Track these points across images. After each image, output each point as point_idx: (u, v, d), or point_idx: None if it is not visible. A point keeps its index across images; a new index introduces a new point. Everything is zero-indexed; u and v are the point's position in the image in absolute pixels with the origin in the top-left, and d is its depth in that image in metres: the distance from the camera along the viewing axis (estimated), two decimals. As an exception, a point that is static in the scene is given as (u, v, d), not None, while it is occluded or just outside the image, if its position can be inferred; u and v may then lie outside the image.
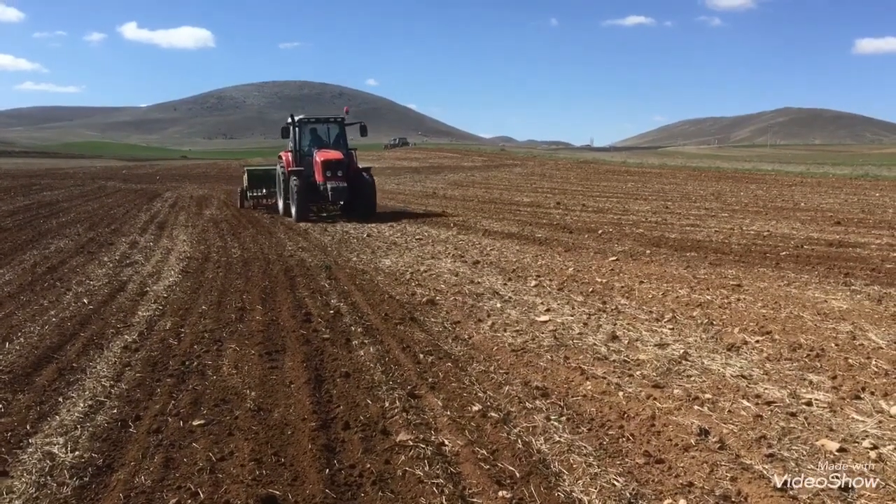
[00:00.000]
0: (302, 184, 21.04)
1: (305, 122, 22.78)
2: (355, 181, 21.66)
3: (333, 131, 23.42)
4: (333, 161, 21.12)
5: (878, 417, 5.36)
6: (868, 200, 25.92)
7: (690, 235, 16.73)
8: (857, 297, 9.64)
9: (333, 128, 23.41)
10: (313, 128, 23.13)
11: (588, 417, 5.45)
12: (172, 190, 35.07)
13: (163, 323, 8.40)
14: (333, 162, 21.11)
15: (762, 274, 11.56)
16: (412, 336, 7.94)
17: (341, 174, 21.15)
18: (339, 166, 21.15)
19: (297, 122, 22.53)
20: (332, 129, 23.43)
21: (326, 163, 21.04)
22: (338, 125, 23.31)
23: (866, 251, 14.01)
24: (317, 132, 23.19)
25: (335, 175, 21.03)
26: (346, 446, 4.90)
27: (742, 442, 4.90)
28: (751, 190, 32.23)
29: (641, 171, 51.52)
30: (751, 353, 7.10)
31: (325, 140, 23.07)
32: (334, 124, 23.30)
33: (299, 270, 12.24)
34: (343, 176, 21.20)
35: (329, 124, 23.35)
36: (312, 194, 21.41)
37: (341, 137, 23.26)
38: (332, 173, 21.00)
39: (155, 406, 5.63)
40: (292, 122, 22.54)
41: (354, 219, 21.14)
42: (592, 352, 7.19)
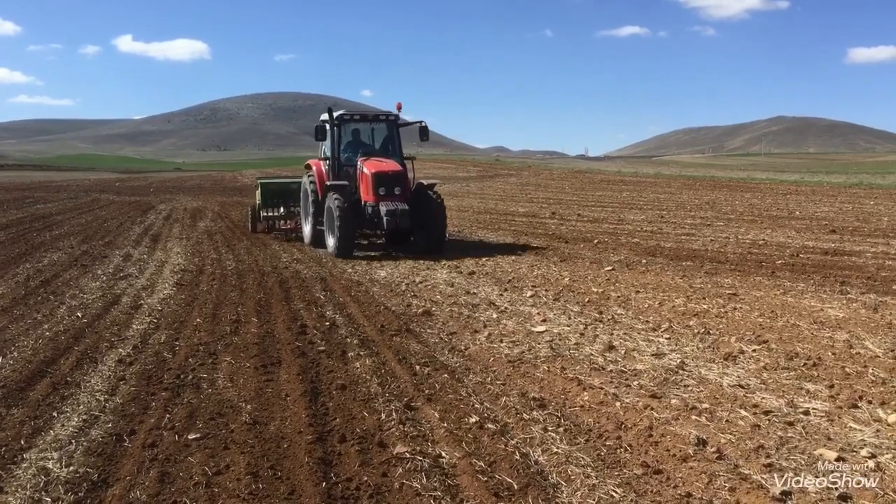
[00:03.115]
0: (345, 205, 15.24)
1: (348, 119, 16.99)
2: (418, 203, 16.05)
3: (382, 133, 17.78)
4: (390, 174, 15.70)
5: (876, 426, 5.35)
6: (863, 209, 26.01)
7: (686, 245, 16.77)
8: (853, 306, 9.65)
9: (382, 128, 17.72)
10: (356, 128, 17.61)
11: (585, 428, 5.42)
12: (166, 202, 35.03)
13: (157, 336, 8.35)
14: (390, 175, 15.70)
15: (758, 283, 11.58)
16: (408, 347, 7.91)
17: (399, 192, 15.72)
18: (397, 182, 15.76)
19: (337, 120, 16.70)
20: (379, 130, 17.88)
21: (380, 176, 15.60)
22: (390, 125, 17.43)
23: (862, 260, 14.05)
24: (360, 134, 17.71)
25: (391, 193, 15.60)
26: (343, 459, 4.86)
27: (740, 451, 4.88)
28: (746, 199, 32.32)
29: (636, 180, 51.62)
30: (748, 362, 7.08)
31: (369, 144, 17.68)
32: (384, 123, 17.47)
33: (294, 282, 12.20)
34: (402, 195, 15.75)
35: (377, 123, 17.68)
36: (359, 219, 15.87)
37: (394, 142, 17.42)
38: (388, 191, 15.59)
39: (150, 420, 5.59)
40: (330, 118, 16.75)
41: (409, 253, 15.97)
42: (589, 362, 7.17)
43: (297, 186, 19.94)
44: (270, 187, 20.98)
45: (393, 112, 17.20)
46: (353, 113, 17.10)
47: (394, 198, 15.58)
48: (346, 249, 15.38)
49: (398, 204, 15.37)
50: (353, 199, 15.88)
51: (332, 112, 16.80)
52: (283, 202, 20.58)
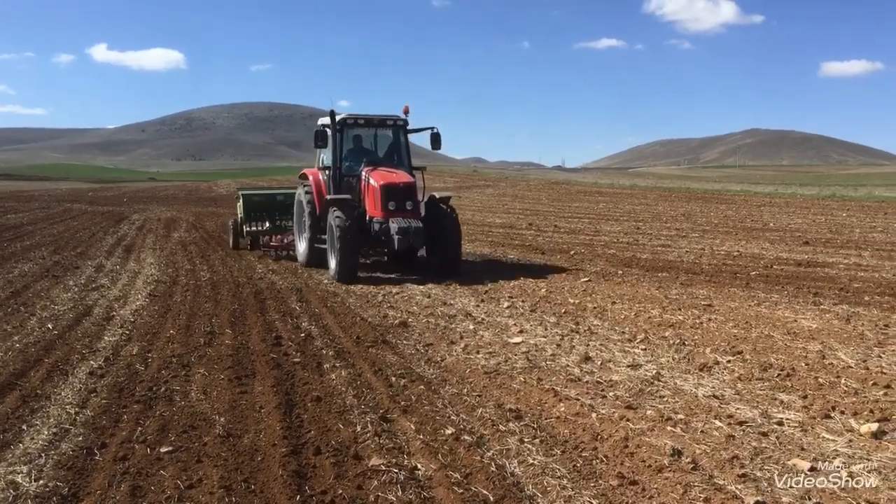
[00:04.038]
0: (348, 223, 13.40)
1: (352, 123, 14.98)
2: (430, 218, 14.19)
3: (387, 140, 15.95)
4: (400, 187, 13.87)
5: (849, 436, 5.39)
6: (835, 221, 26.34)
7: (662, 256, 16.88)
8: (826, 317, 9.75)
9: (389, 134, 15.84)
10: (359, 134, 15.68)
11: (562, 439, 5.42)
12: (140, 212, 34.60)
13: (129, 348, 8.24)
14: (400, 188, 13.86)
15: (733, 294, 11.67)
16: (384, 359, 7.88)
17: (411, 207, 13.92)
18: (409, 195, 13.95)
19: (340, 124, 14.69)
20: (385, 137, 15.99)
21: (389, 189, 13.75)
22: (397, 131, 15.56)
23: (834, 271, 14.21)
24: (363, 141, 15.81)
25: (402, 208, 13.75)
26: (318, 472, 4.82)
27: (715, 462, 4.89)
28: (720, 210, 32.61)
29: (613, 191, 51.93)
30: (722, 373, 7.13)
31: (374, 152, 15.78)
32: (392, 129, 15.58)
33: (269, 293, 12.12)
34: (414, 210, 14.00)
35: (384, 128, 15.70)
36: (365, 238, 14.06)
37: (402, 149, 15.57)
38: (399, 205, 13.74)
39: (121, 433, 5.51)
40: (332, 122, 14.64)
41: (420, 275, 14.05)
42: (566, 373, 7.18)
43: (283, 198, 18.63)
44: (254, 199, 19.14)
45: (401, 116, 15.23)
46: (358, 116, 14.98)
47: (405, 213, 13.71)
48: (349, 273, 13.48)
49: (410, 221, 13.51)
50: (357, 214, 13.94)
51: (335, 115, 14.63)
52: (269, 216, 18.71)
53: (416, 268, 14.93)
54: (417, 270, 14.54)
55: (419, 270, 14.49)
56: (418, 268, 14.89)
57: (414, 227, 13.38)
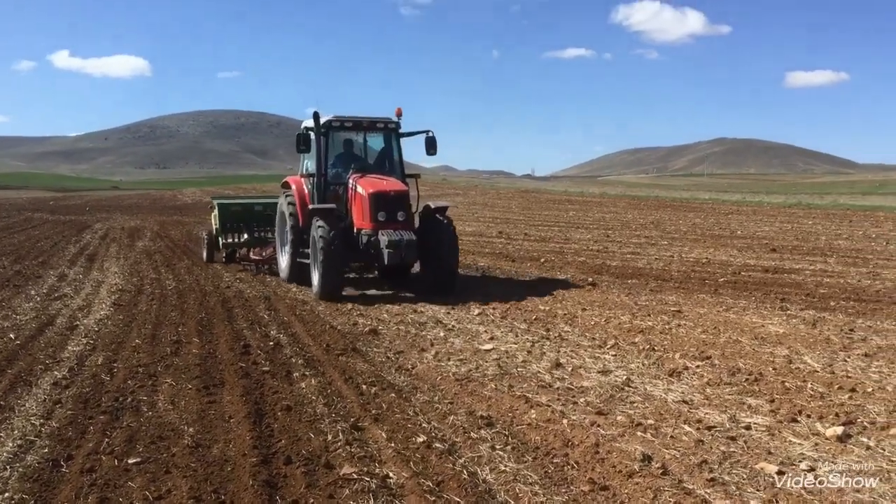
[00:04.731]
0: (332, 234, 12.16)
1: (338, 126, 13.79)
2: (424, 230, 13.10)
3: (378, 144, 14.75)
4: (391, 195, 12.66)
5: (815, 440, 5.46)
6: (802, 228, 26.77)
7: (631, 263, 17.00)
8: (792, 322, 9.89)
9: (379, 138, 14.62)
10: (348, 138, 14.51)
11: (533, 446, 5.42)
12: (103, 221, 33.94)
13: (94, 358, 8.08)
14: (391, 197, 12.66)
15: (701, 300, 11.79)
16: (355, 367, 7.83)
17: (403, 218, 12.72)
18: (400, 204, 12.76)
19: (325, 127, 13.58)
20: (375, 141, 14.81)
21: (379, 198, 12.56)
22: (389, 135, 14.34)
23: (801, 277, 14.42)
24: (352, 146, 14.59)
25: (393, 219, 12.55)
26: (289, 481, 4.76)
27: (684, 467, 4.93)
28: (689, 218, 32.97)
29: (582, 200, 52.30)
30: (691, 378, 7.19)
31: (363, 158, 14.63)
32: (382, 133, 14.38)
33: (237, 301, 12.00)
34: (406, 221, 12.80)
35: (374, 132, 14.51)
36: (351, 252, 12.86)
37: (393, 155, 14.33)
38: (389, 216, 12.55)
39: (88, 444, 5.39)
40: (316, 125, 13.52)
41: (412, 291, 13.26)
42: (536, 380, 7.19)
43: (262, 208, 17.52)
44: (231, 209, 17.76)
45: (392, 119, 14.04)
46: (345, 119, 13.73)
47: (396, 224, 12.49)
48: (333, 289, 12.33)
49: (402, 233, 12.29)
50: (344, 225, 12.84)
51: (319, 117, 13.48)
52: (247, 227, 17.30)
53: (409, 284, 13.90)
54: (410, 287, 13.58)
55: (412, 287, 13.53)
56: (411, 284, 13.85)
57: (406, 240, 12.13)
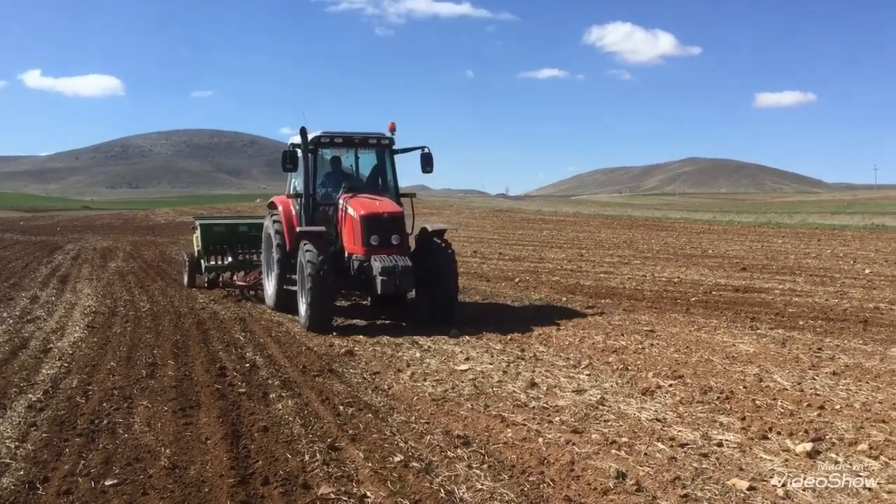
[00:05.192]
0: (321, 258, 11.25)
1: (327, 142, 12.86)
2: (420, 255, 12.15)
3: (369, 162, 13.81)
4: (385, 218, 11.70)
5: (785, 456, 5.58)
6: (771, 247, 27.15)
7: (605, 282, 17.16)
8: (762, 341, 10.06)
9: (371, 155, 13.71)
10: (338, 155, 13.71)
11: (509, 464, 5.48)
12: (74, 242, 33.56)
13: (69, 380, 8.04)
14: (385, 219, 11.70)
15: (674, 319, 11.94)
16: (331, 388, 7.86)
17: (398, 242, 11.77)
18: (395, 227, 11.78)
19: (313, 143, 12.69)
20: (368, 158, 13.84)
21: (372, 220, 11.62)
22: (382, 151, 13.41)
23: (770, 296, 14.64)
24: (341, 163, 13.81)
25: (387, 243, 11.61)
26: (267, 502, 4.78)
27: (658, 483, 5.01)
28: (661, 237, 33.31)
29: (556, 219, 52.63)
30: (664, 396, 7.30)
31: (355, 177, 13.76)
32: (375, 149, 13.40)
33: (212, 323, 11.97)
34: (401, 245, 11.84)
35: (366, 149, 13.48)
36: (342, 278, 11.90)
37: (387, 173, 13.40)
38: (383, 240, 11.59)
39: (64, 467, 5.38)
40: (303, 141, 12.58)
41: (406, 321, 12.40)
42: (512, 399, 7.26)
43: (247, 229, 16.65)
44: (214, 230, 16.86)
45: (386, 134, 13.06)
46: (334, 134, 12.84)
47: (390, 249, 11.54)
48: (323, 321, 11.38)
49: (397, 259, 11.31)
50: (333, 250, 12.01)
51: (307, 133, 12.56)
52: (231, 249, 16.37)
53: (405, 313, 12.89)
54: (406, 316, 12.65)
55: (408, 316, 12.59)
56: (407, 313, 12.83)
57: (401, 267, 11.16)
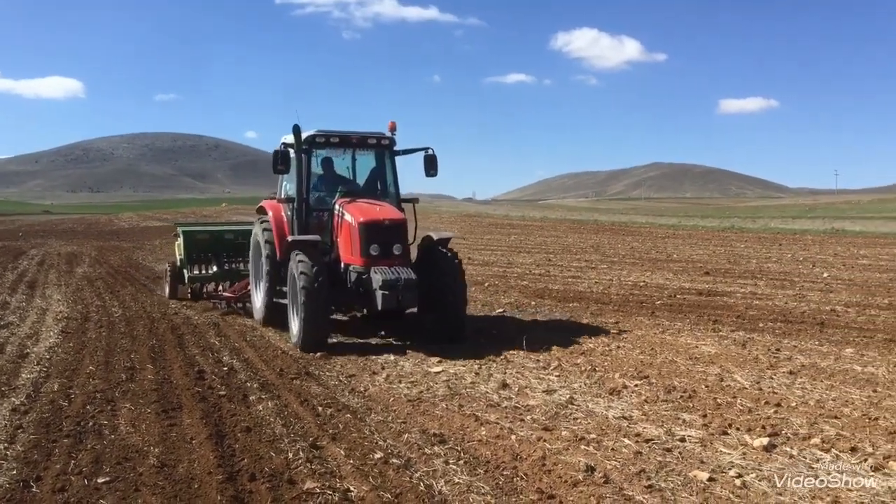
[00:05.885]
0: (315, 270, 10.15)
1: (322, 142, 11.65)
2: (425, 266, 10.99)
3: (368, 164, 12.60)
4: (386, 225, 10.62)
5: (743, 450, 5.94)
6: (734, 252, 27.75)
7: (573, 286, 17.51)
8: (724, 343, 10.46)
9: (369, 156, 12.56)
10: (333, 157, 12.41)
11: (484, 460, 5.77)
12: (38, 247, 32.94)
13: (50, 385, 8.16)
14: (386, 227, 10.61)
15: (640, 322, 12.31)
16: (309, 390, 8.08)
17: (400, 252, 10.69)
18: (396, 236, 10.69)
19: (307, 142, 11.52)
20: (365, 160, 12.65)
21: (372, 228, 10.51)
22: (381, 153, 12.27)
23: (732, 300, 15.09)
24: (336, 166, 12.52)
25: (388, 254, 10.54)
26: (255, 497, 5.02)
27: (624, 476, 5.34)
28: (627, 242, 33.84)
29: (524, 224, 53.06)
30: (630, 396, 7.64)
31: (351, 180, 12.51)
32: (375, 150, 12.24)
33: (186, 328, 12.09)
34: (403, 256, 10.76)
35: (364, 150, 12.31)
36: (337, 292, 10.79)
37: (386, 176, 12.28)
38: (384, 250, 10.51)
39: (55, 466, 5.56)
40: (297, 140, 11.37)
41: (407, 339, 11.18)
42: (485, 399, 7.56)
43: (234, 236, 15.63)
44: (198, 237, 15.74)
45: (386, 134, 11.94)
46: (331, 133, 11.65)
47: (392, 260, 10.46)
48: (318, 338, 10.29)
49: (400, 271, 10.19)
50: (328, 260, 11.01)
51: (300, 131, 11.35)
52: (216, 258, 15.32)
53: (407, 330, 11.70)
54: (408, 333, 11.46)
55: (411, 333, 11.41)
56: (410, 330, 11.64)
57: (404, 280, 10.06)
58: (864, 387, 7.88)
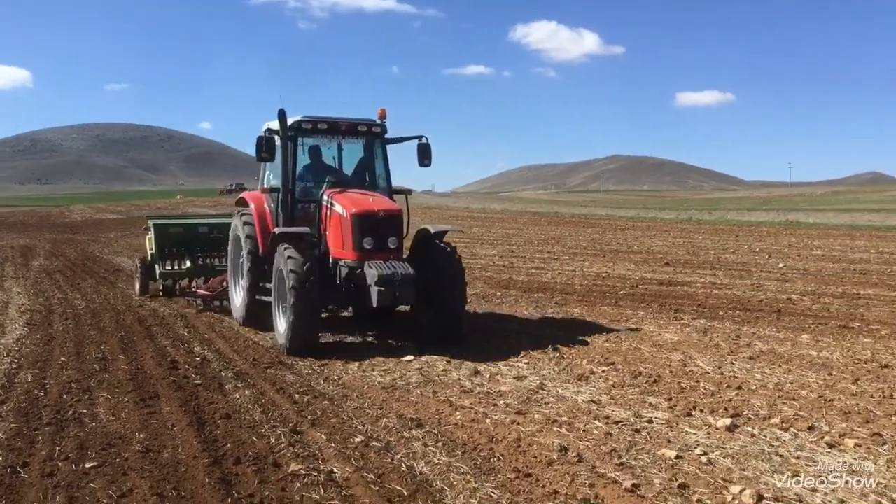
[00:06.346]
0: (306, 266, 9.34)
1: (310, 128, 10.96)
2: (423, 263, 10.14)
3: (357, 152, 11.90)
4: (381, 217, 9.92)
5: (707, 430, 6.23)
6: (692, 243, 28.34)
7: (537, 278, 17.80)
8: (686, 330, 10.81)
9: (356, 144, 11.87)
10: (320, 144, 11.65)
11: (461, 443, 5.97)
12: (-12, 241, 32.46)
13: (23, 375, 8.17)
14: (381, 218, 9.92)
15: (604, 311, 12.62)
16: (284, 378, 8.20)
17: (395, 245, 10.01)
18: (392, 228, 10.02)
19: (293, 128, 10.77)
20: (354, 148, 11.96)
21: (366, 219, 9.80)
22: (372, 140, 11.57)
23: (692, 289, 15.50)
24: (324, 154, 11.72)
25: (383, 247, 9.87)
26: (242, 479, 5.16)
27: (596, 455, 5.59)
28: (588, 234, 34.32)
29: (484, 216, 53.39)
30: (598, 381, 7.90)
31: (338, 170, 11.82)
32: (365, 137, 11.53)
33: (154, 320, 12.07)
34: (399, 250, 10.09)
35: (353, 137, 11.59)
36: (329, 290, 10.00)
37: (376, 166, 11.62)
38: (379, 243, 9.81)
39: (41, 453, 5.64)
40: (282, 126, 10.50)
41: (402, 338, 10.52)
42: (458, 386, 7.77)
43: (208, 230, 15.11)
44: (170, 231, 15.11)
45: (377, 121, 11.32)
46: (318, 119, 10.94)
47: (387, 254, 9.84)
48: (308, 341, 9.53)
49: (397, 266, 9.50)
50: (317, 254, 10.23)
51: (286, 116, 10.52)
52: (189, 252, 14.72)
53: (401, 330, 11.04)
54: (402, 333, 10.76)
55: (406, 333, 10.70)
56: (405, 330, 10.95)
57: (402, 275, 9.33)
58: (820, 370, 8.25)
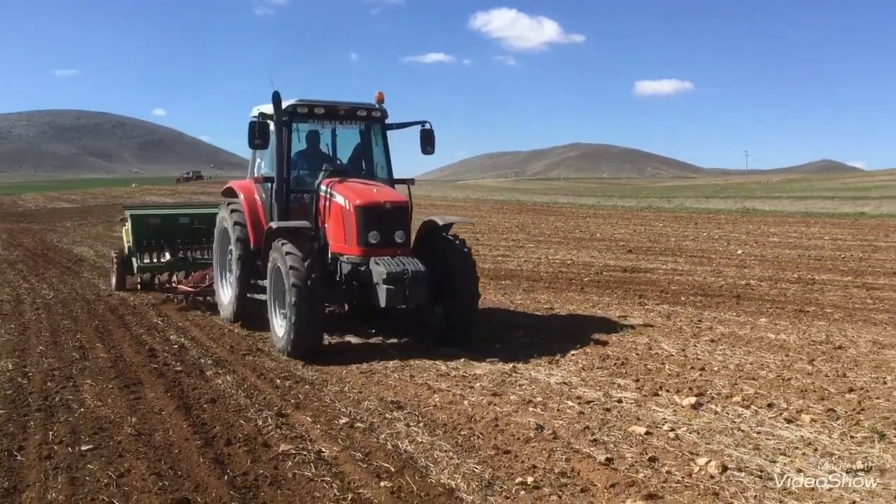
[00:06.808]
0: (311, 264, 8.62)
1: (305, 112, 10.09)
2: (429, 257, 9.30)
3: (353, 139, 11.18)
4: (386, 209, 9.21)
5: (674, 408, 6.60)
6: (653, 230, 28.91)
7: (503, 265, 18.13)
8: (650, 315, 11.21)
9: (358, 131, 11.11)
10: (316, 130, 10.83)
11: (441, 423, 6.24)
12: (-60, 230, 31.78)
13: (3, 364, 8.24)
14: (386, 211, 9.21)
15: (570, 298, 12.98)
16: (263, 364, 8.40)
17: (402, 240, 9.36)
18: (399, 221, 9.38)
19: (288, 113, 9.91)
20: (351, 135, 11.21)
21: (370, 212, 9.10)
22: (371, 126, 10.85)
23: (655, 276, 15.95)
24: (320, 140, 10.97)
25: (390, 242, 9.19)
26: (234, 459, 5.37)
27: (571, 432, 5.91)
28: (551, 222, 34.77)
29: (446, 204, 53.50)
30: (569, 364, 8.25)
31: (335, 158, 11.05)
32: (364, 122, 10.78)
33: (125, 309, 12.09)
34: (407, 245, 9.47)
35: (352, 122, 10.78)
36: (328, 287, 9.13)
37: (374, 154, 10.93)
38: (385, 237, 9.16)
39: (35, 437, 5.79)
40: (277, 110, 9.66)
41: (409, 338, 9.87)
42: (434, 370, 8.05)
43: (189, 221, 14.36)
44: (149, 222, 14.42)
45: (376, 105, 10.60)
46: (315, 103, 10.13)
47: (395, 249, 9.16)
48: (311, 343, 8.77)
49: (406, 262, 8.79)
50: (317, 249, 9.31)
51: (280, 99, 9.66)
52: (169, 245, 13.96)
53: (406, 328, 10.17)
54: (408, 332, 10.02)
55: (412, 332, 9.98)
56: (410, 329, 10.08)
57: (412, 272, 8.62)
58: (778, 352, 8.69)
